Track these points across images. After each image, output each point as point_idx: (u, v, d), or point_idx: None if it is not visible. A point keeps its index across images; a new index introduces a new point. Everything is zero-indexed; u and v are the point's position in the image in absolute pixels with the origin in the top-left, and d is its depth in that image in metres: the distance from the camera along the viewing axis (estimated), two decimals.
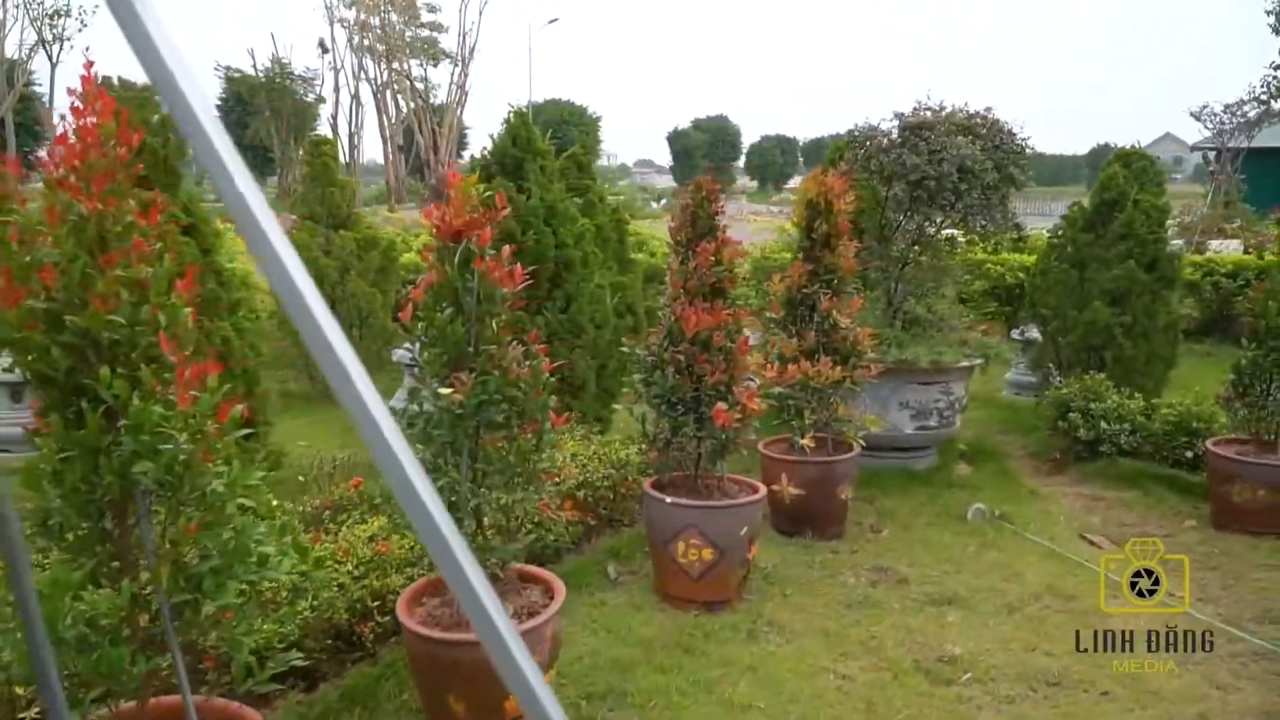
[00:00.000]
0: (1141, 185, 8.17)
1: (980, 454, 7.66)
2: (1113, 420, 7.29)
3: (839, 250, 5.77)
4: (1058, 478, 7.40)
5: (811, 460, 5.82)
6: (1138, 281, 7.92)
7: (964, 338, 7.00)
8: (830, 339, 5.88)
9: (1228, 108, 27.66)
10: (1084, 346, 8.11)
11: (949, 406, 6.95)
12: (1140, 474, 7.06)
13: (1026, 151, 6.80)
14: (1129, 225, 8.01)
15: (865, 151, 6.70)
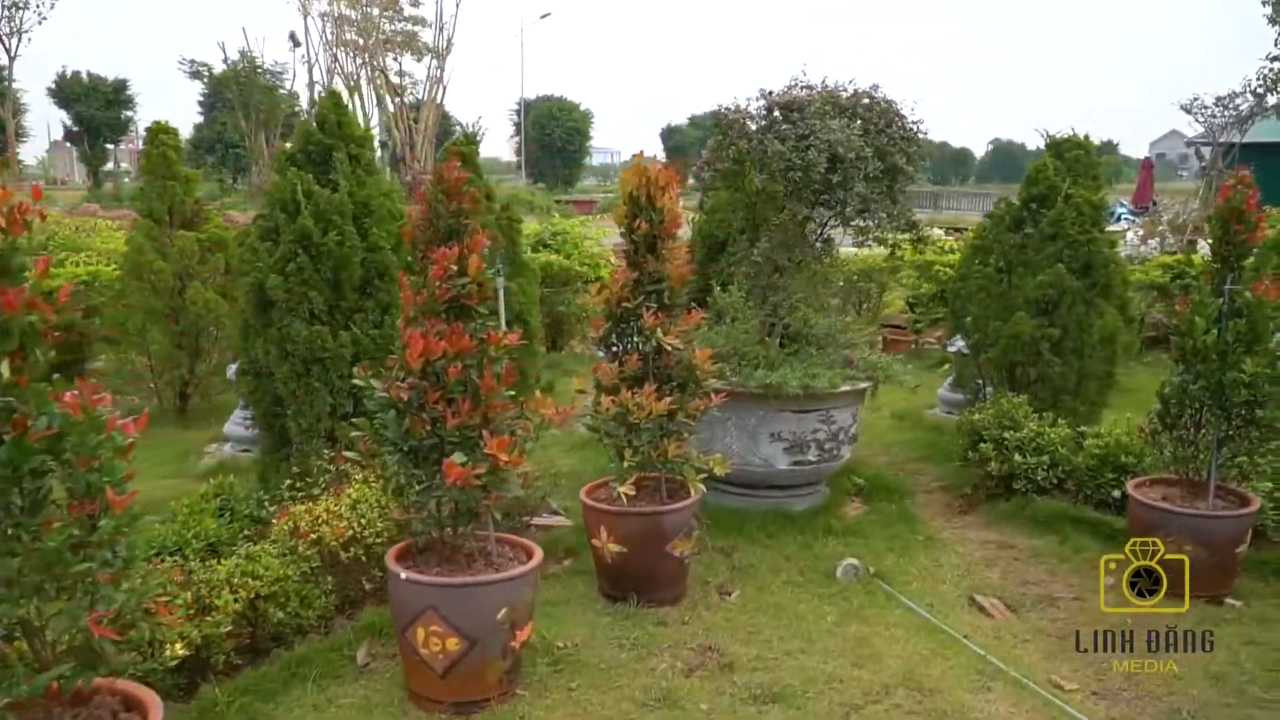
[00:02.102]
0: (1075, 178, 7.10)
1: (880, 489, 6.60)
2: (1029, 452, 6.23)
3: (664, 254, 4.72)
4: (966, 519, 6.34)
5: (633, 511, 4.78)
6: (1068, 288, 6.85)
7: (850, 357, 5.93)
8: (660, 363, 4.84)
9: (1219, 101, 26.52)
10: (1006, 363, 7.04)
11: (831, 438, 5.90)
12: (1059, 516, 5.99)
13: (919, 138, 5.73)
14: (1058, 223, 6.93)
15: (726, 138, 5.64)
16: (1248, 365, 4.78)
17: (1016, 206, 7.33)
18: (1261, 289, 4.85)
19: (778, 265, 5.74)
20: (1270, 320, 4.86)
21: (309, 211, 5.66)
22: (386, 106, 48.54)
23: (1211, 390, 4.92)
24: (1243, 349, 4.86)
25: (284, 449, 5.88)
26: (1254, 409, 4.86)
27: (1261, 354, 4.85)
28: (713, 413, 5.71)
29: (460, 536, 3.92)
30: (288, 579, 4.25)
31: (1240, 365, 4.80)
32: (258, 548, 4.42)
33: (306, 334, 5.60)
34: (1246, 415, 4.90)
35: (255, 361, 5.90)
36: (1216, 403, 4.95)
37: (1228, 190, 4.98)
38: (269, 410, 5.96)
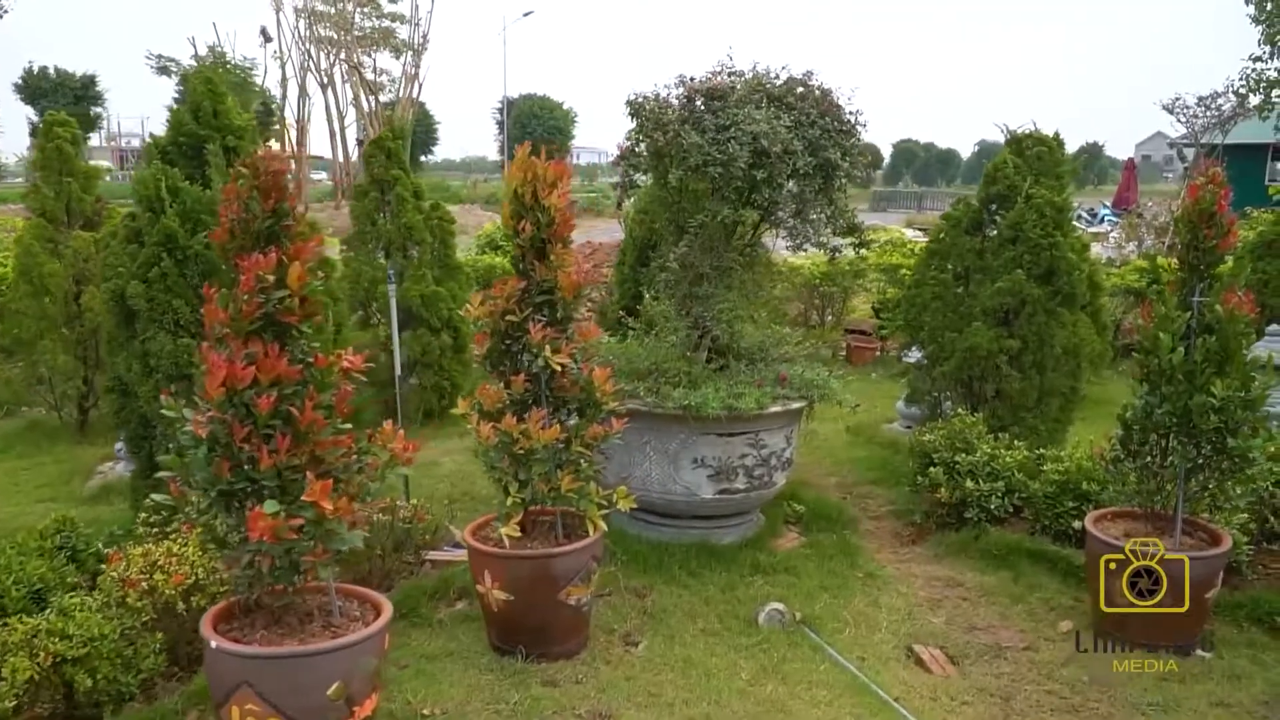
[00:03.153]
0: (1037, 176, 6.54)
1: (821, 517, 6.01)
2: (983, 477, 5.66)
3: (555, 260, 4.12)
4: (915, 550, 5.77)
5: (520, 554, 4.18)
6: (1028, 296, 6.29)
7: (782, 374, 5.34)
8: (554, 384, 4.24)
9: (1201, 101, 26.05)
10: (962, 378, 6.48)
11: (761, 463, 5.31)
12: (1014, 550, 5.42)
13: (859, 131, 5.15)
14: (1018, 226, 6.37)
15: (642, 130, 5.04)
16: (1217, 388, 4.21)
17: (975, 208, 6.76)
18: (1233, 301, 4.29)
19: (700, 272, 5.14)
20: (1243, 337, 4.30)
21: (175, 211, 5.07)
22: (363, 104, 47.88)
23: (1178, 415, 4.35)
24: (1212, 369, 4.30)
25: (153, 475, 5.27)
26: (1224, 437, 4.29)
27: (1233, 375, 4.29)
28: (630, 436, 5.15)
29: (290, 594, 3.32)
30: (104, 638, 3.64)
31: (1210, 388, 4.24)
32: (76, 599, 3.81)
33: (171, 348, 5.01)
34: (1216, 444, 4.34)
35: (119, 378, 5.29)
36: (1184, 429, 4.39)
37: (1196, 190, 4.41)
38: (135, 432, 5.35)
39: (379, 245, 8.37)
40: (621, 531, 5.52)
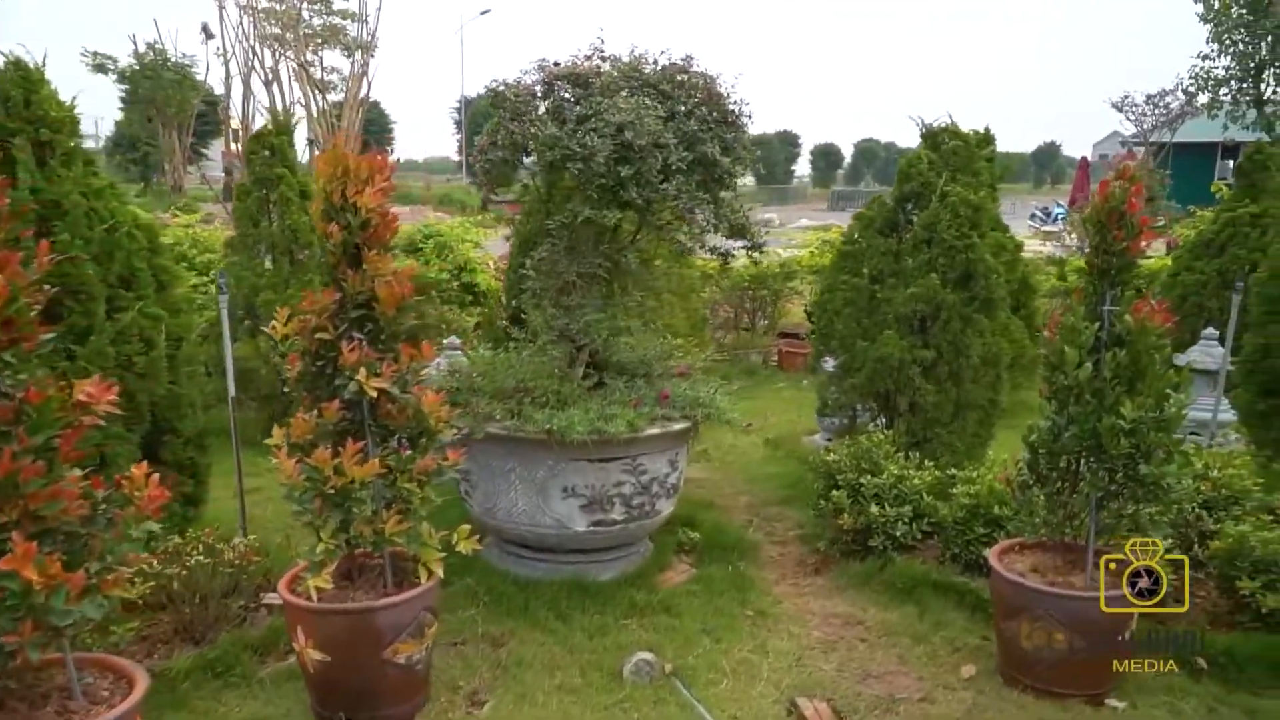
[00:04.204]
0: (953, 173, 6.08)
1: (717, 545, 5.50)
2: (889, 501, 5.18)
3: (370, 269, 3.57)
4: (816, 581, 5.28)
5: (333, 609, 3.63)
6: (943, 302, 5.82)
7: (664, 392, 4.82)
8: (380, 410, 3.69)
9: (1150, 99, 26.04)
10: (872, 390, 6.00)
11: (641, 491, 4.79)
12: (920, 581, 4.95)
13: (744, 123, 4.64)
14: (932, 226, 5.90)
15: (500, 122, 4.50)
16: (1127, 408, 3.75)
17: (889, 207, 6.29)
18: (1145, 311, 3.82)
19: (567, 280, 4.60)
20: (1156, 350, 3.84)
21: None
22: (313, 103, 46.90)
23: (1087, 438, 3.89)
24: (1123, 387, 3.83)
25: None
26: (1136, 462, 3.83)
27: (1146, 393, 3.83)
28: (494, 463, 4.63)
29: (7, 674, 2.74)
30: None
31: (1119, 408, 3.77)
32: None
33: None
34: (1128, 470, 3.87)
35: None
36: (1094, 454, 3.92)
37: (1106, 187, 3.95)
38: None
39: (263, 248, 7.77)
40: (488, 568, 4.99)
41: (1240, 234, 9.13)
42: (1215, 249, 9.33)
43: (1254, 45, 25.98)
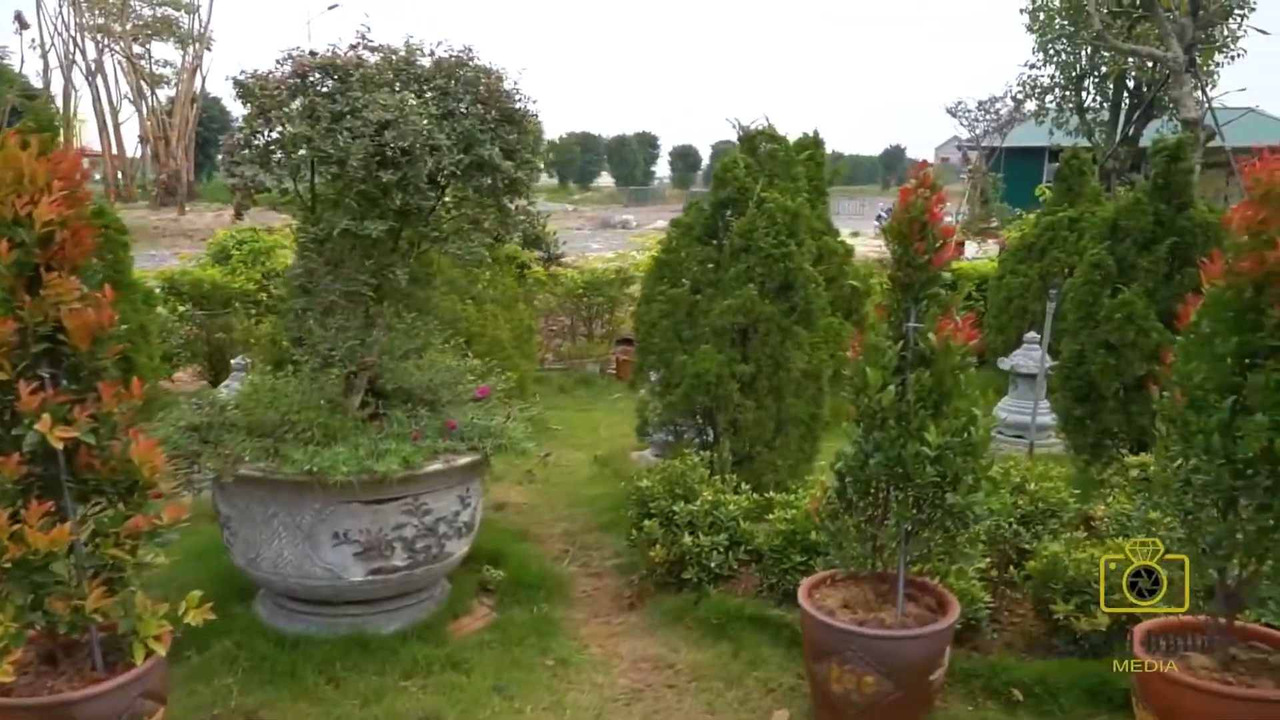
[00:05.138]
0: (771, 178, 5.81)
1: (525, 583, 5.04)
2: (704, 529, 4.84)
3: (52, 295, 2.96)
4: (630, 619, 4.89)
5: (19, 706, 3.00)
6: (761, 314, 5.54)
7: (449, 422, 4.33)
8: (78, 461, 3.07)
9: (981, 104, 27.05)
10: (691, 407, 5.66)
11: (427, 533, 4.29)
12: (735, 616, 4.62)
13: (533, 124, 4.20)
14: (749, 234, 5.61)
15: (249, 120, 3.93)
16: (931, 433, 3.49)
17: (708, 213, 5.98)
18: (949, 328, 3.57)
19: (330, 300, 4.06)
20: (960, 370, 3.59)
21: None
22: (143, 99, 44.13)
23: (892, 465, 3.61)
24: (928, 411, 3.57)
25: None
26: (944, 491, 3.58)
27: (953, 416, 3.58)
28: (253, 509, 4.04)
29: None
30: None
31: (924, 434, 3.51)
32: None
33: None
34: (935, 498, 3.62)
35: None
36: (900, 482, 3.65)
37: (907, 195, 3.68)
38: None
39: None
40: (255, 626, 4.40)
41: (1059, 237, 9.30)
42: (1037, 252, 9.49)
43: (1075, 55, 27.29)
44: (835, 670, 3.68)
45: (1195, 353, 3.31)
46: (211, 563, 4.96)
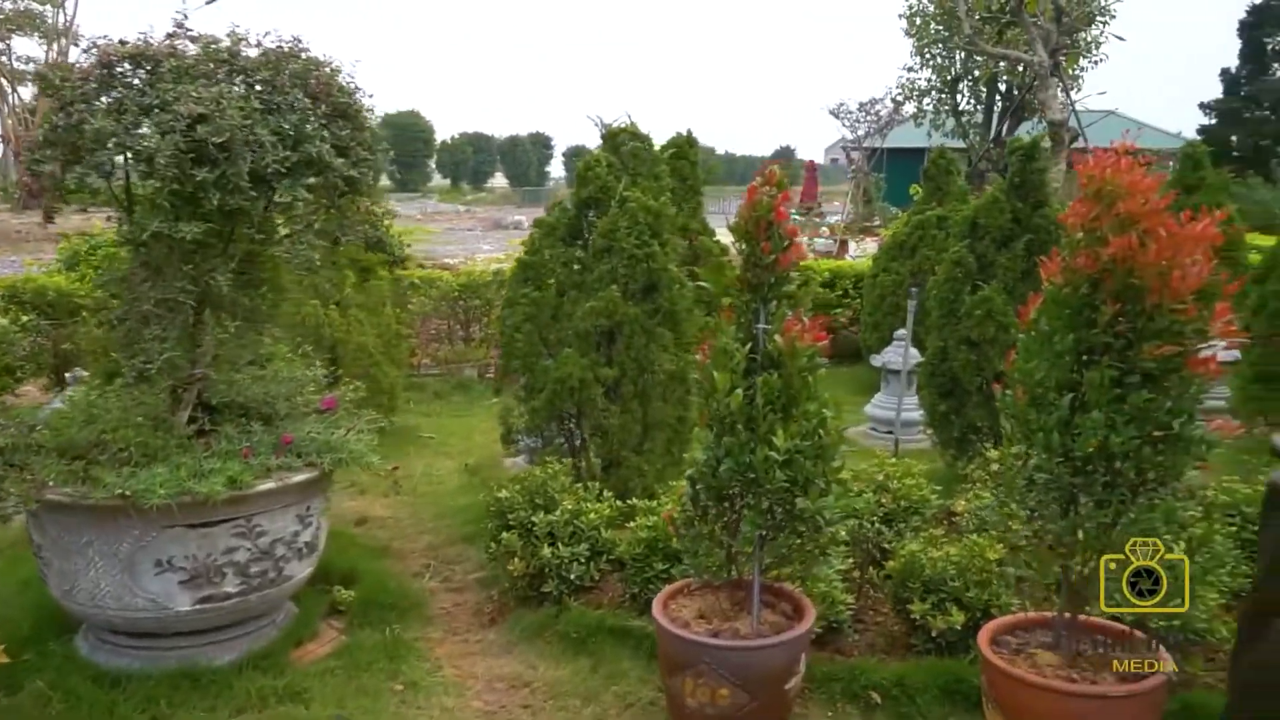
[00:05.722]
0: (634, 177, 5.69)
1: (375, 604, 4.79)
2: (564, 540, 4.69)
3: None
4: (489, 635, 4.70)
5: None
6: (625, 316, 5.41)
7: (285, 436, 4.07)
8: None
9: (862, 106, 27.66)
10: (554, 414, 5.50)
11: (262, 556, 4.02)
12: (595, 629, 4.47)
13: (367, 119, 3.97)
14: (612, 235, 5.48)
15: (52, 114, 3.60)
16: (779, 438, 3.40)
17: (571, 213, 5.82)
18: (796, 329, 3.50)
19: (146, 310, 3.75)
20: (808, 373, 3.52)
21: None
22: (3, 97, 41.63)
23: (742, 472, 3.52)
24: (777, 415, 3.49)
25: None
26: (794, 496, 3.50)
27: (802, 419, 3.51)
28: (66, 537, 3.71)
29: None
30: None
31: (773, 438, 3.42)
32: None
33: None
34: (786, 505, 3.54)
35: None
36: (751, 488, 3.56)
37: (754, 193, 3.59)
38: None
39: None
40: (74, 663, 4.06)
41: (929, 236, 9.46)
42: (908, 250, 9.63)
43: (950, 59, 28.15)
44: (689, 684, 3.58)
45: (1036, 350, 3.31)
46: (36, 593, 4.58)
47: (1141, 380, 3.09)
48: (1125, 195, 3.08)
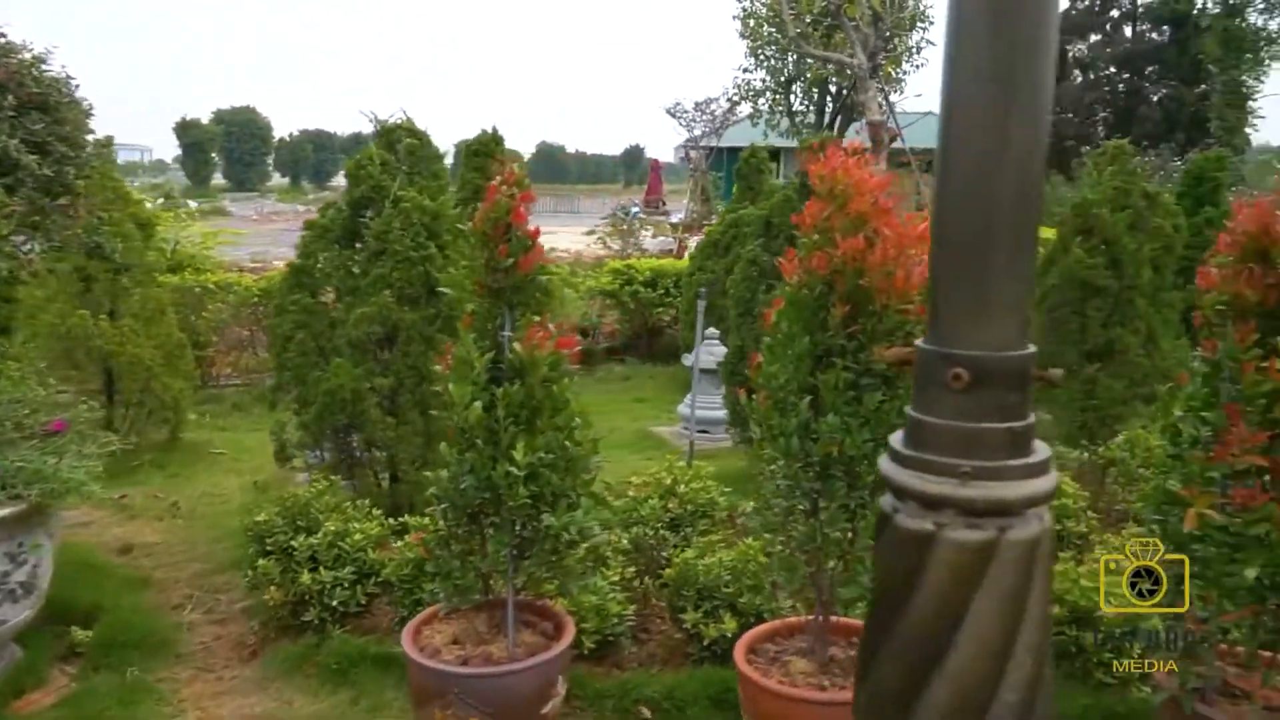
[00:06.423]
0: (412, 176, 5.41)
1: (121, 643, 4.35)
2: (327, 564, 4.39)
3: None
4: (243, 673, 4.35)
5: None
6: (401, 322, 5.13)
7: None
8: None
9: (698, 105, 27.98)
10: (327, 427, 5.18)
11: None
12: (358, 659, 4.19)
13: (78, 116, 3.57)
14: (385, 236, 5.19)
15: None
16: (519, 452, 3.22)
17: (345, 213, 5.50)
18: (538, 337, 3.32)
19: None
20: (552, 383, 3.36)
21: None
22: None
23: (484, 488, 3.32)
24: (520, 427, 3.31)
25: None
26: (540, 512, 3.33)
27: (547, 431, 3.34)
28: None
29: None
30: None
31: (513, 452, 3.24)
32: None
33: None
34: (532, 522, 3.37)
35: None
36: (494, 506, 3.37)
37: (494, 192, 3.40)
38: None
39: None
40: None
41: (742, 234, 9.48)
42: (722, 249, 9.66)
43: (783, 61, 28.83)
44: (439, 715, 3.35)
45: (778, 353, 3.24)
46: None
47: (876, 382, 3.07)
48: (855, 195, 3.04)
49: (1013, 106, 1.23)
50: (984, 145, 1.25)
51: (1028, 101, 1.23)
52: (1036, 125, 1.26)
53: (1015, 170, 1.24)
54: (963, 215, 1.26)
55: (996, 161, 1.23)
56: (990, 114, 1.24)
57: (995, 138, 1.24)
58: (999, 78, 1.23)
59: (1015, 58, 1.22)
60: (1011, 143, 1.23)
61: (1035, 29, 1.22)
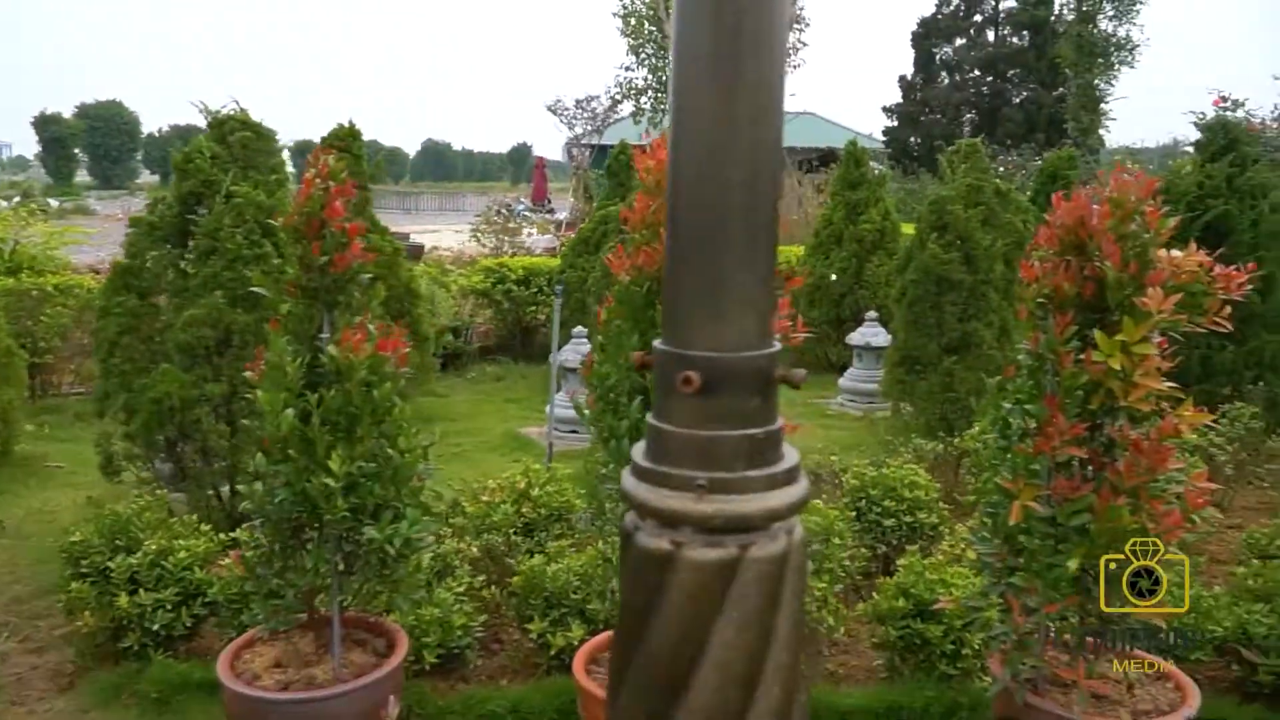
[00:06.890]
0: (245, 170, 5.12)
1: None
2: (149, 584, 4.09)
3: None
4: (58, 703, 4.01)
5: None
6: (234, 325, 4.84)
7: None
8: None
9: (579, 103, 27.87)
10: (155, 438, 4.86)
11: None
12: (183, 685, 3.92)
13: None
14: (215, 234, 4.89)
15: None
16: (334, 461, 3.03)
17: (174, 210, 5.17)
18: (355, 340, 3.13)
19: None
20: (373, 387, 3.17)
21: None
22: None
23: (299, 500, 3.12)
24: (339, 436, 3.12)
25: None
26: (361, 525, 3.15)
27: (367, 439, 3.15)
28: None
29: None
30: None
31: (328, 462, 3.05)
32: None
33: None
34: (354, 535, 3.18)
35: None
36: (314, 520, 3.17)
37: (309, 185, 3.19)
38: None
39: None
40: None
41: (612, 231, 9.42)
42: (592, 246, 9.57)
43: (664, 60, 28.92)
44: None
45: (609, 353, 3.14)
46: None
47: None
48: None
49: (738, 95, 1.14)
50: (712, 134, 1.15)
51: (752, 90, 1.14)
52: (764, 114, 1.17)
53: (746, 159, 1.15)
54: (693, 205, 1.17)
55: (725, 151, 1.14)
56: (716, 103, 1.15)
57: (723, 127, 1.14)
58: (722, 66, 1.14)
59: (739, 46, 1.13)
60: (740, 131, 1.14)
61: (758, 18, 1.13)
